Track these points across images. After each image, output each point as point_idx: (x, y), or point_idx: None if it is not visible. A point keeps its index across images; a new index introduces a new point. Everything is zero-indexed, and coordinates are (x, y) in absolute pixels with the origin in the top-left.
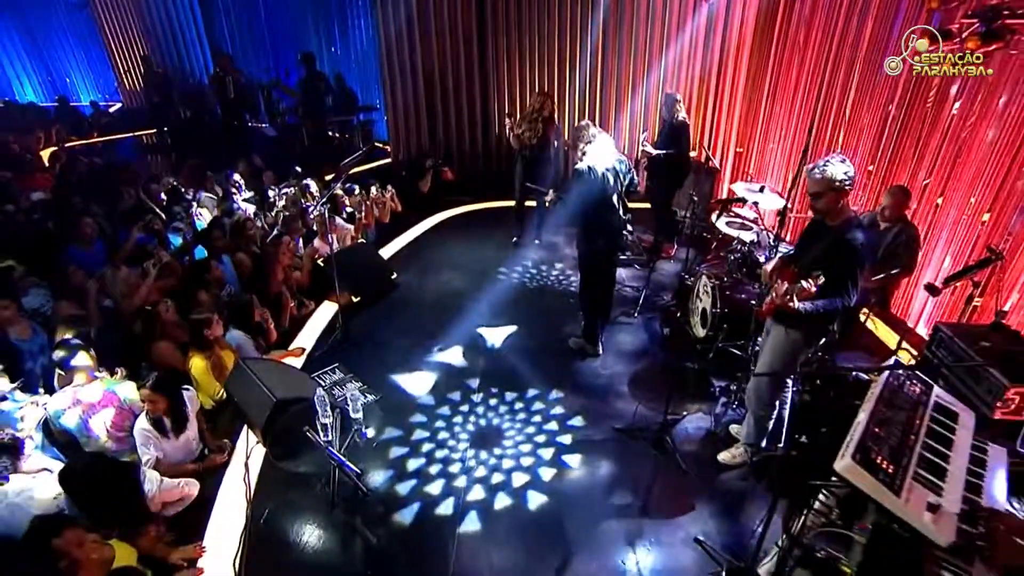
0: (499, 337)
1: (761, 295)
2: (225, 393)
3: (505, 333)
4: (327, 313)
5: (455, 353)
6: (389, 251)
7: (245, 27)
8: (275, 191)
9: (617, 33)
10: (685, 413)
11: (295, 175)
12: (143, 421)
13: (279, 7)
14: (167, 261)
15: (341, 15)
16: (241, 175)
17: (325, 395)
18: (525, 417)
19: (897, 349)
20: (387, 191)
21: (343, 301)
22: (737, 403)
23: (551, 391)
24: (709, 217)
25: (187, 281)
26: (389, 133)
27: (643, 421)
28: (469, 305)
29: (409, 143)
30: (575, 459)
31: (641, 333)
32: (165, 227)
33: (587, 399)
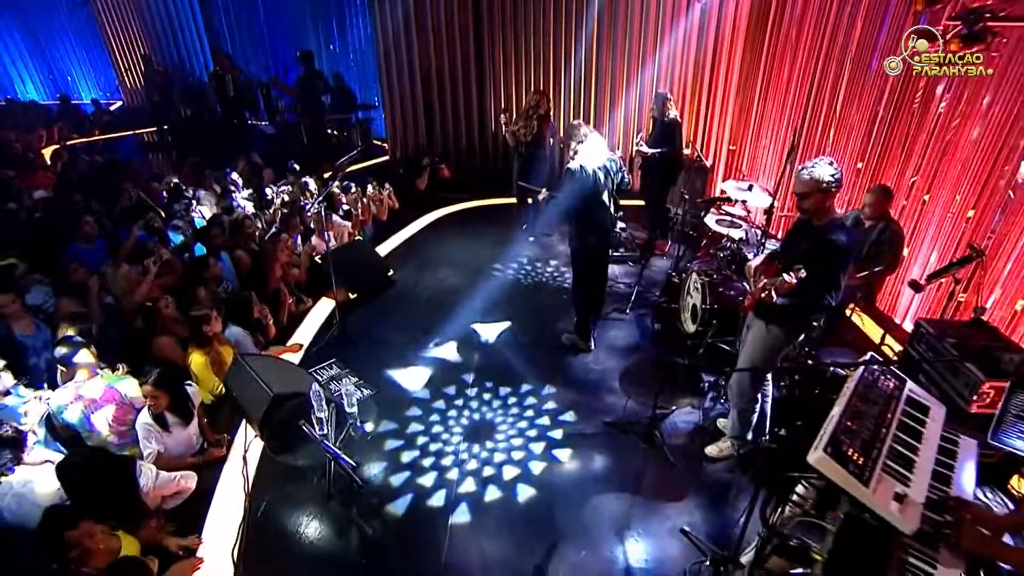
0: (493, 333)
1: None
2: (224, 388)
3: (499, 329)
4: (324, 309)
5: (450, 348)
6: (386, 248)
7: (244, 25)
8: (273, 189)
9: (611, 31)
10: (674, 408)
11: (293, 172)
12: (145, 416)
13: (278, 6)
14: (167, 258)
15: (339, 14)
16: (240, 173)
17: (321, 390)
18: (518, 412)
19: (881, 344)
20: (385, 189)
21: (340, 298)
22: (724, 398)
23: (544, 386)
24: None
25: (187, 278)
26: (387, 131)
27: (633, 415)
28: (464, 301)
29: (407, 141)
30: (566, 452)
31: (633, 329)
32: (165, 225)
33: (579, 394)
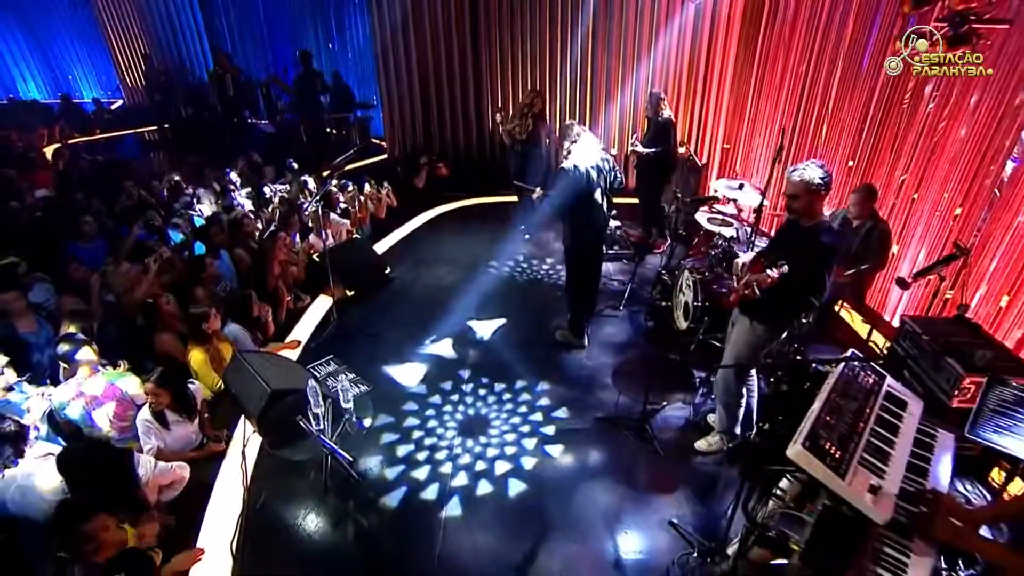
0: (489, 329)
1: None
2: (223, 384)
3: (495, 326)
4: (322, 307)
5: (446, 345)
6: (384, 246)
7: (244, 25)
8: (271, 188)
9: (606, 30)
10: (666, 403)
11: (291, 171)
12: (145, 412)
13: (277, 5)
14: (168, 256)
15: (338, 13)
16: (240, 173)
17: (317, 386)
18: (512, 407)
19: (868, 340)
20: (383, 188)
21: (338, 295)
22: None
23: (538, 382)
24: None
25: (187, 276)
26: (385, 129)
27: (625, 411)
28: (460, 298)
29: (404, 139)
30: (558, 447)
31: (626, 326)
32: (165, 223)
33: (572, 390)
